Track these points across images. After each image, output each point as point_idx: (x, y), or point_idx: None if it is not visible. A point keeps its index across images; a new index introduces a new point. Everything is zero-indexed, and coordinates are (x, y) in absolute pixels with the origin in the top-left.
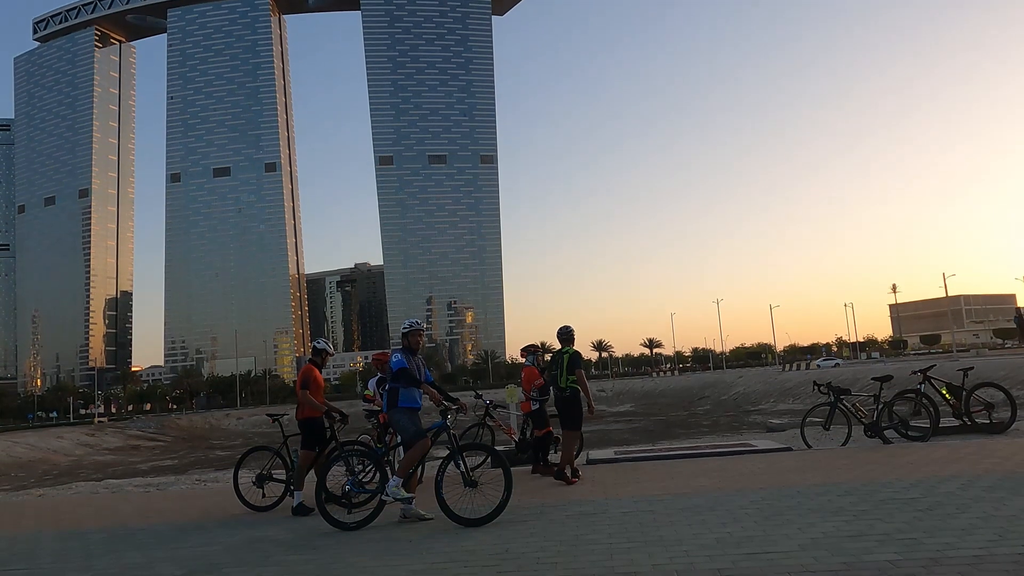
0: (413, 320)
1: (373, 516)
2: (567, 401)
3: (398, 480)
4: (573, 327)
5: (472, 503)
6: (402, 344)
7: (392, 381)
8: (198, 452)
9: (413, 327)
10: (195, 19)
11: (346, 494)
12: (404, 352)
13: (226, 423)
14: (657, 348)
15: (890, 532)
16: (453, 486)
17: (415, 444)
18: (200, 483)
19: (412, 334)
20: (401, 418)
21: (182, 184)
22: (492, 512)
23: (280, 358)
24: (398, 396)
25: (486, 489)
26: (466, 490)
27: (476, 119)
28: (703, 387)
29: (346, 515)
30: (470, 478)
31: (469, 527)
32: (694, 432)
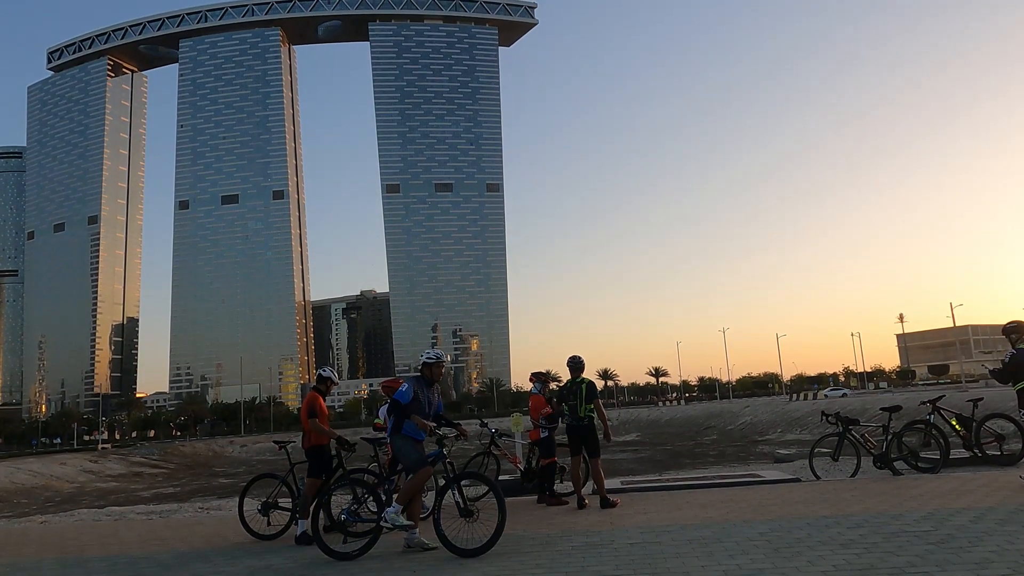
0: (439, 353)
1: (370, 544)
2: (587, 430)
3: (398, 507)
4: (582, 356)
5: (472, 533)
6: (422, 373)
7: (392, 409)
8: (201, 479)
9: (439, 360)
10: (206, 49)
11: (341, 523)
12: (418, 382)
13: (230, 450)
14: (663, 377)
15: (902, 566)
16: (452, 516)
17: (417, 472)
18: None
19: (436, 366)
20: (403, 445)
21: (190, 211)
22: (487, 542)
23: (285, 385)
24: (403, 423)
25: (483, 518)
26: (463, 520)
27: (483, 148)
28: (709, 417)
29: (341, 544)
30: (466, 507)
31: (466, 557)
32: (701, 462)
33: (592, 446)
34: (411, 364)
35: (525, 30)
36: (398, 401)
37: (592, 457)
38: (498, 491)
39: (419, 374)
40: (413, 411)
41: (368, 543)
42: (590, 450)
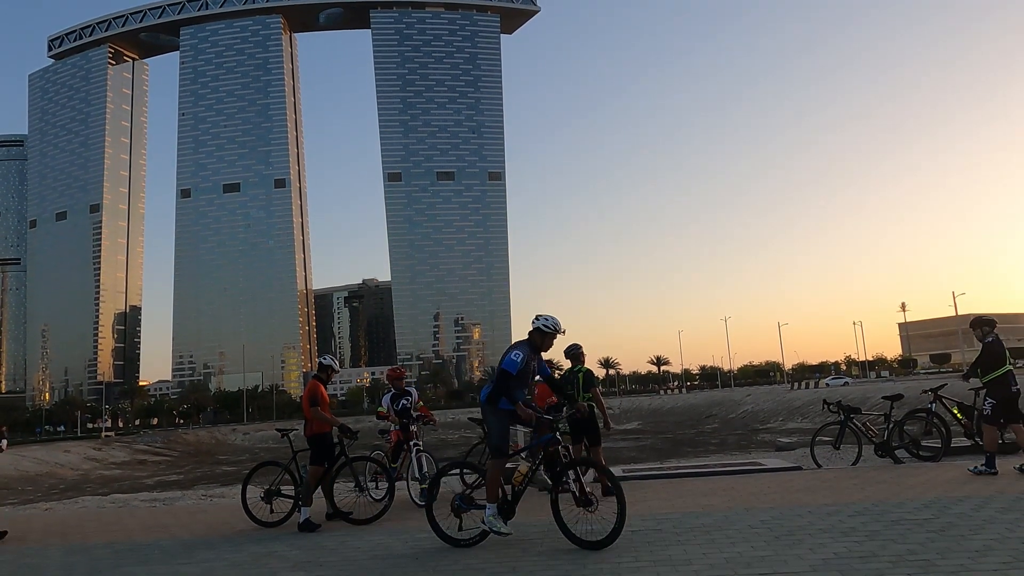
0: (556, 322)
1: (482, 538)
2: (587, 419)
3: (493, 508)
4: (581, 344)
5: (590, 524)
6: (531, 339)
7: (499, 380)
8: (204, 467)
9: (556, 330)
10: (207, 37)
11: (455, 509)
12: (528, 347)
13: (232, 438)
14: (665, 366)
15: (902, 553)
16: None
17: (495, 460)
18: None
19: (550, 337)
20: (496, 421)
21: (192, 200)
22: (609, 535)
23: (287, 373)
24: (501, 396)
25: (601, 509)
26: (580, 510)
27: (484, 136)
28: (711, 405)
29: (457, 531)
30: (584, 496)
31: (589, 549)
32: (702, 450)
33: (592, 435)
34: (412, 352)
35: (527, 17)
36: (506, 370)
37: (593, 445)
38: (613, 479)
39: (528, 339)
40: (515, 387)
41: (479, 536)
42: (590, 439)
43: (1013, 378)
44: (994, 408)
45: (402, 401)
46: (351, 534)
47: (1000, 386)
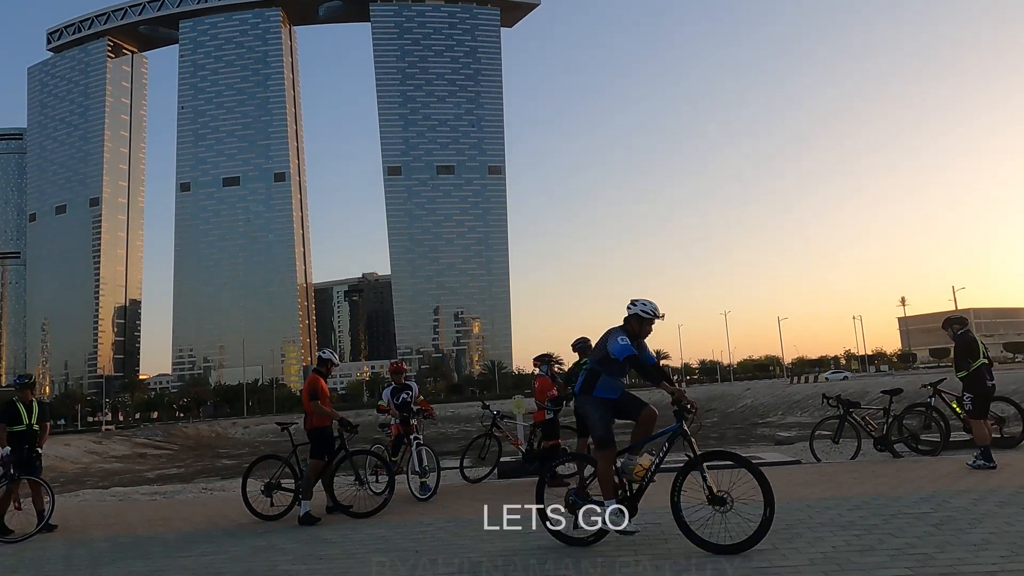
0: (655, 307)
1: (600, 535)
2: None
3: (613, 505)
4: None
5: (725, 523)
6: (628, 325)
7: (603, 365)
8: (204, 461)
9: (655, 316)
10: (206, 30)
11: (571, 505)
12: (625, 334)
13: (232, 432)
14: (664, 360)
15: (901, 547)
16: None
17: (602, 451)
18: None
19: (649, 323)
20: (593, 411)
21: (192, 193)
22: (753, 535)
23: (287, 367)
24: (597, 382)
25: (737, 506)
26: (712, 509)
27: (484, 130)
28: (710, 399)
29: (572, 528)
30: (716, 494)
31: (721, 554)
32: (701, 444)
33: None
34: (412, 346)
35: (527, 10)
36: (631, 356)
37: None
38: (762, 475)
39: (624, 326)
40: (615, 374)
41: (597, 534)
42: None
43: (988, 372)
44: (974, 402)
45: (402, 395)
46: (351, 527)
47: (975, 380)
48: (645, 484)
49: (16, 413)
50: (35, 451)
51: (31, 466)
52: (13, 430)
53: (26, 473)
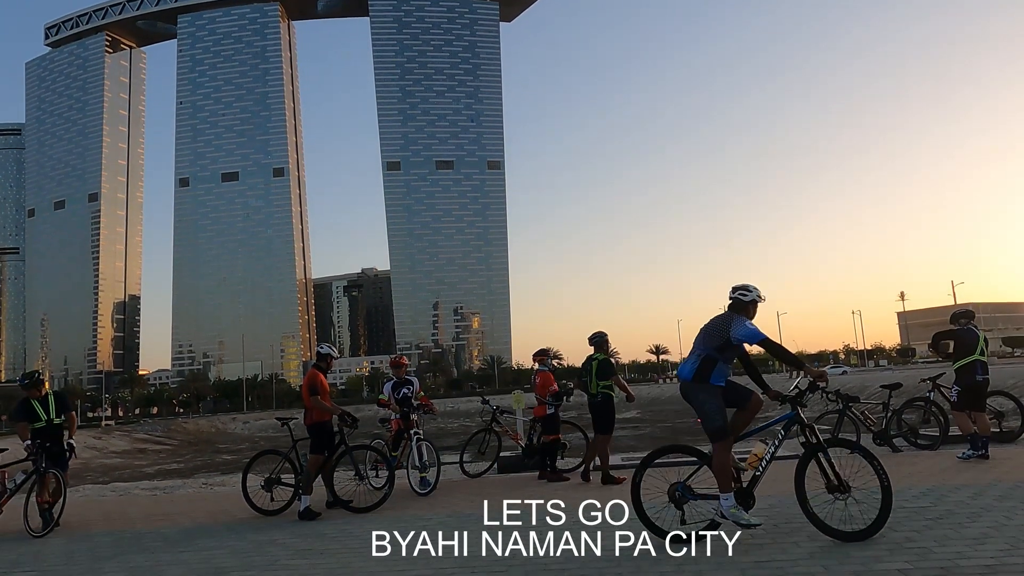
0: (758, 290)
1: (712, 528)
2: (598, 407)
3: (731, 498)
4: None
5: (846, 511)
6: (749, 311)
7: (722, 351)
8: (204, 456)
9: (760, 298)
10: (205, 25)
11: (676, 500)
12: None
13: (232, 427)
14: (664, 355)
15: (900, 541)
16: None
17: (719, 443)
18: (206, 487)
19: (753, 306)
20: (709, 400)
21: (191, 188)
22: (873, 524)
23: (287, 362)
24: (713, 369)
25: (856, 494)
26: (832, 497)
27: (484, 125)
28: None
29: (680, 525)
30: (838, 481)
31: (848, 541)
32: (701, 439)
33: (599, 423)
34: (412, 341)
35: (526, 5)
36: (736, 341)
37: (598, 433)
38: (878, 463)
39: (741, 311)
40: (730, 361)
41: (707, 527)
42: (596, 426)
43: (980, 368)
44: (960, 395)
45: (403, 390)
46: (351, 522)
47: (966, 374)
48: (760, 474)
49: (32, 410)
50: (62, 444)
51: (58, 460)
52: (34, 427)
53: (53, 467)
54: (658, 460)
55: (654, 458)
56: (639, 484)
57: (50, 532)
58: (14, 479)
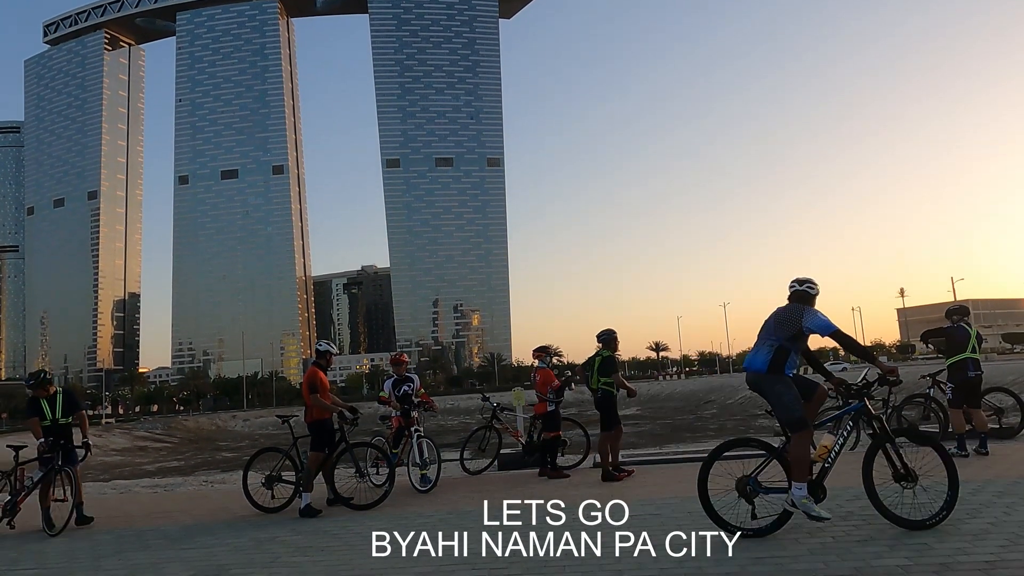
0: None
1: (779, 524)
2: (599, 403)
3: (803, 488)
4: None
5: (914, 500)
6: (795, 300)
7: (793, 342)
8: (204, 453)
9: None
10: (204, 22)
11: (747, 494)
12: None
13: (232, 425)
14: (663, 352)
15: (900, 537)
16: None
17: (800, 433)
18: (207, 484)
19: (814, 299)
20: (785, 392)
21: (190, 186)
22: (938, 513)
23: (287, 360)
24: (787, 359)
25: (924, 483)
26: (899, 486)
27: (483, 122)
28: (710, 391)
29: (751, 520)
30: (905, 470)
31: (915, 530)
32: (701, 436)
33: (604, 419)
34: (412, 338)
35: (526, 1)
36: (808, 331)
37: (602, 430)
38: (946, 453)
39: (807, 302)
40: (799, 352)
41: (778, 521)
42: (602, 422)
43: (972, 364)
44: (954, 392)
45: (403, 387)
46: (352, 519)
47: (958, 371)
48: (829, 466)
49: (40, 408)
50: (70, 442)
51: (67, 457)
52: (41, 425)
53: (65, 463)
54: (724, 454)
55: (722, 452)
56: (706, 480)
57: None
58: (31, 477)
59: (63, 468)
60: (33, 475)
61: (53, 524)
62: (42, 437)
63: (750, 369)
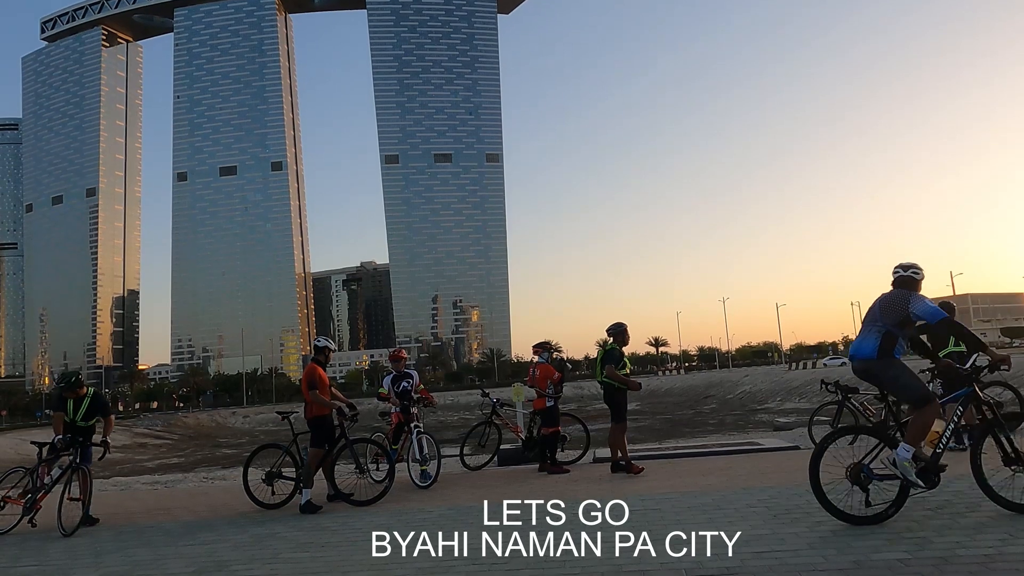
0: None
1: (898, 505)
2: (605, 395)
3: (909, 449)
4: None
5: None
6: (901, 285)
7: (903, 327)
8: (205, 450)
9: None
10: (201, 18)
11: (862, 481)
12: None
13: (232, 421)
14: (663, 347)
15: (899, 531)
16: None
17: (927, 406)
18: (207, 481)
19: (920, 283)
20: (902, 373)
21: (188, 183)
22: None
23: (286, 356)
24: (896, 344)
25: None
26: (1009, 470)
27: (482, 118)
28: (709, 386)
29: (865, 507)
30: (1016, 455)
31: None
32: (700, 431)
33: (612, 411)
34: (411, 335)
35: None
36: (917, 318)
37: (611, 422)
38: None
39: (915, 287)
40: (905, 337)
41: (896, 502)
42: (613, 416)
43: (955, 359)
44: (943, 387)
45: (403, 383)
46: (352, 515)
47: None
48: (940, 451)
49: (65, 405)
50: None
51: (82, 455)
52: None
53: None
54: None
55: (833, 438)
56: (818, 467)
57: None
58: (50, 475)
59: (80, 466)
60: (52, 473)
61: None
62: (61, 433)
63: (858, 356)
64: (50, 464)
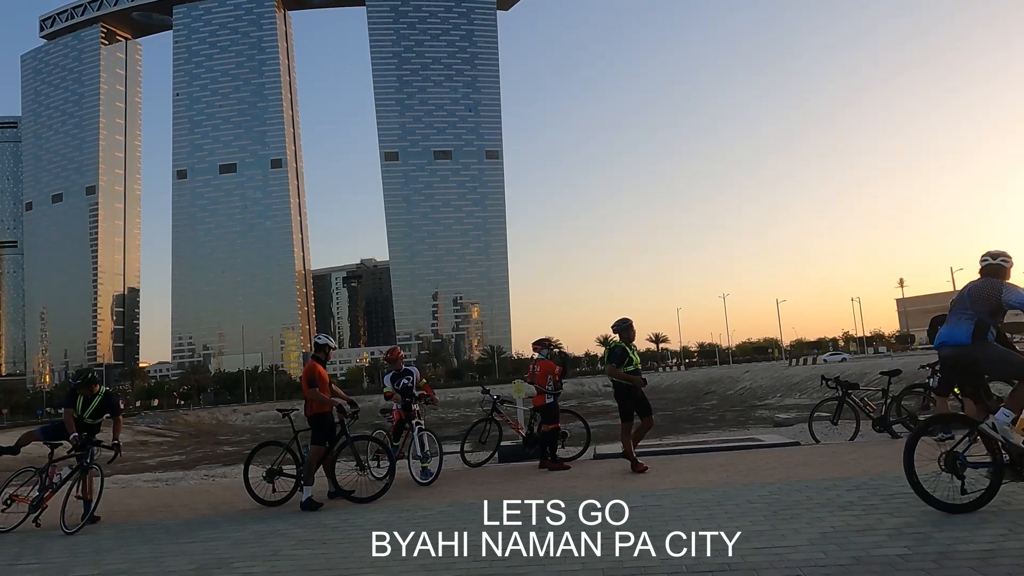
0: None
1: (991, 493)
2: (614, 392)
3: (1009, 413)
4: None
5: None
6: (988, 274)
7: (994, 316)
8: (205, 447)
9: None
10: (200, 16)
11: (957, 469)
12: None
13: (233, 419)
14: (663, 343)
15: (899, 526)
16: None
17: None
18: (208, 478)
19: (1009, 270)
20: (1002, 352)
21: (188, 181)
22: None
23: (287, 354)
24: (987, 332)
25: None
26: None
27: (481, 114)
28: (709, 382)
29: (960, 494)
30: None
31: None
32: (701, 427)
33: (619, 408)
34: (411, 332)
35: None
36: (1009, 307)
37: (621, 420)
38: None
39: (1004, 276)
40: (996, 325)
41: (986, 494)
42: (621, 414)
43: None
44: (941, 381)
45: (403, 380)
46: (353, 512)
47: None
48: None
49: (75, 401)
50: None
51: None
52: None
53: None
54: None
55: (927, 427)
56: (912, 455)
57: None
58: (59, 473)
59: (90, 466)
60: (62, 472)
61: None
62: (75, 431)
63: (950, 343)
64: (84, 457)
